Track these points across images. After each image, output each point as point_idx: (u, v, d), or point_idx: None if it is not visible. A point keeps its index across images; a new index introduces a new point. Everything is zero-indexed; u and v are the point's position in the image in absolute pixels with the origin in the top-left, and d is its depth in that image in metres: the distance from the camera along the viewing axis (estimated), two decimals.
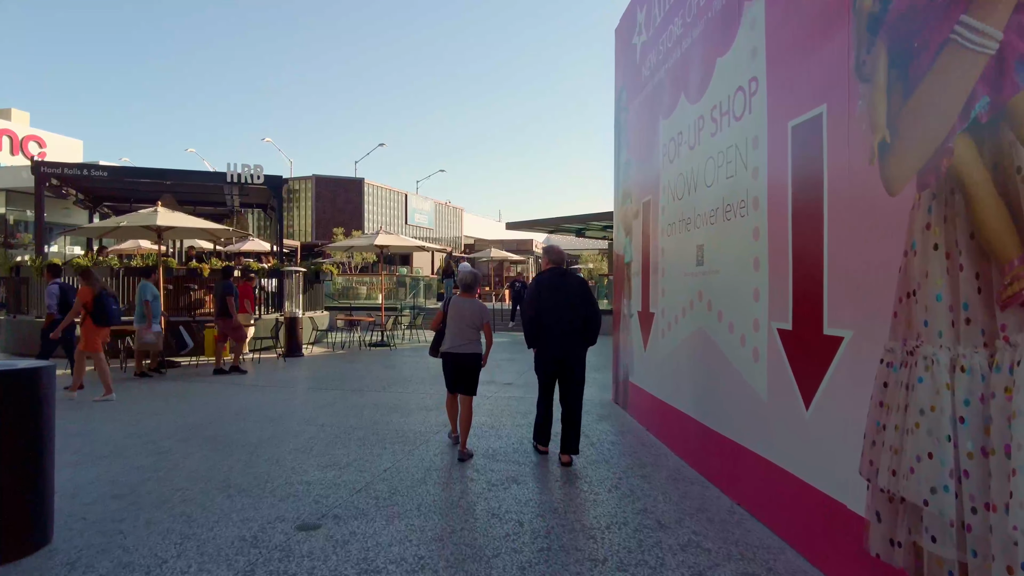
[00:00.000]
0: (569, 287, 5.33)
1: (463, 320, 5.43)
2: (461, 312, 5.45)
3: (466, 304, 5.51)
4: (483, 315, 5.54)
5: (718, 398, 4.76)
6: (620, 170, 8.03)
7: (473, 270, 6.05)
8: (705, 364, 5.01)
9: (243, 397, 8.36)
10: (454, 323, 5.46)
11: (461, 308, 5.47)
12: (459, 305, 5.50)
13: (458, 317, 5.45)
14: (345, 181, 34.56)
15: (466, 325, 5.43)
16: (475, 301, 5.57)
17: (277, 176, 14.90)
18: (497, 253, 33.34)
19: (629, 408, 7.36)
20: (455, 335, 5.45)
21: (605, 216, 21.99)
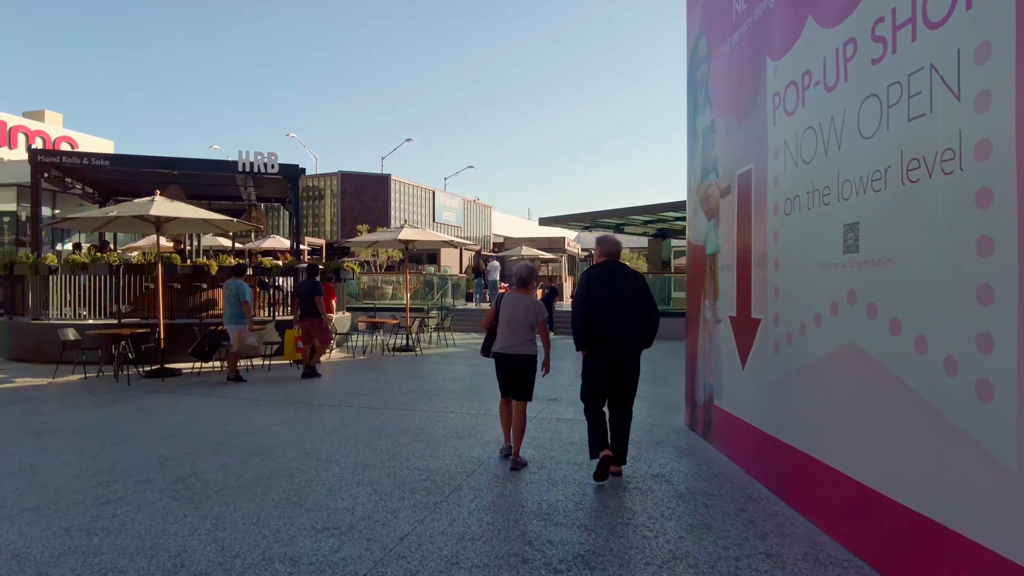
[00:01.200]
0: (626, 283, 4.74)
1: (516, 318, 5.00)
2: (514, 309, 5.02)
3: (520, 300, 5.07)
4: (538, 312, 5.07)
5: (904, 455, 3.17)
6: (697, 139, 6.47)
7: (529, 263, 5.45)
8: (867, 398, 3.43)
9: (237, 416, 7.00)
10: (506, 321, 5.04)
11: (514, 305, 5.04)
12: (512, 301, 5.07)
13: (511, 314, 5.02)
14: (371, 177, 33.44)
15: (520, 323, 5.00)
16: (530, 297, 5.14)
17: (293, 165, 13.62)
18: (528, 251, 31.80)
19: (715, 439, 5.79)
20: (508, 334, 5.03)
21: (647, 210, 20.38)
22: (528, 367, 5.05)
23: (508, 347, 5.03)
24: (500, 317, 5.10)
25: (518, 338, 5.01)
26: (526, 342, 5.03)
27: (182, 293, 12.18)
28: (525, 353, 5.03)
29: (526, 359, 5.03)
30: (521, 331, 5.01)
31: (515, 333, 5.01)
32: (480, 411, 7.34)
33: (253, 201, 16.52)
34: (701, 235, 6.24)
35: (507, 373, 5.08)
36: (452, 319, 16.19)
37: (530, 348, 5.05)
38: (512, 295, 5.16)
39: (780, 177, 4.45)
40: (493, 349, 5.18)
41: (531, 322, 5.03)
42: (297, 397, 8.22)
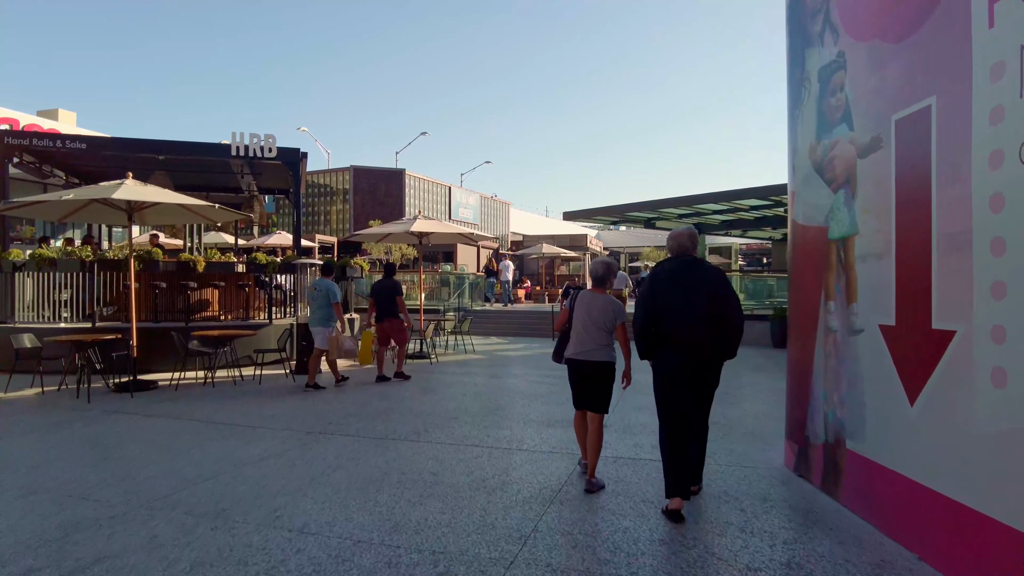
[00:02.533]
0: (700, 281, 4.08)
1: (592, 320, 4.53)
2: (589, 310, 4.55)
3: (596, 300, 4.58)
4: (616, 314, 4.55)
5: None
6: (807, 86, 4.81)
7: (606, 259, 4.85)
8: None
9: (204, 450, 5.47)
10: (580, 323, 4.57)
11: (589, 305, 4.57)
12: (587, 301, 4.59)
13: (585, 316, 4.55)
14: (385, 172, 31.97)
15: (595, 326, 4.53)
16: (607, 297, 4.63)
17: (293, 149, 12.11)
18: (549, 249, 30.21)
19: (847, 496, 4.14)
20: (582, 338, 4.56)
21: (682, 202, 18.60)
22: (605, 375, 4.51)
23: (582, 352, 4.52)
24: (574, 318, 4.60)
25: (593, 342, 4.49)
26: (603, 347, 4.50)
27: (168, 293, 10.75)
28: (602, 360, 4.48)
29: (603, 366, 4.49)
30: (597, 334, 4.50)
31: (590, 337, 4.50)
32: (512, 443, 5.75)
33: (254, 192, 15.07)
34: (819, 212, 4.58)
35: (581, 381, 4.60)
36: (470, 321, 14.63)
37: (607, 354, 4.50)
38: (587, 293, 4.64)
39: (1005, 109, 2.80)
40: (566, 354, 4.69)
41: (608, 325, 4.51)
42: (287, 420, 6.68)
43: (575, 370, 4.62)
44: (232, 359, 9.41)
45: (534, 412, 7.11)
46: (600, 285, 4.69)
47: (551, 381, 9.27)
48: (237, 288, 11.49)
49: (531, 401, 7.75)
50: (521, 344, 15.16)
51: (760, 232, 25.51)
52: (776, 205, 17.85)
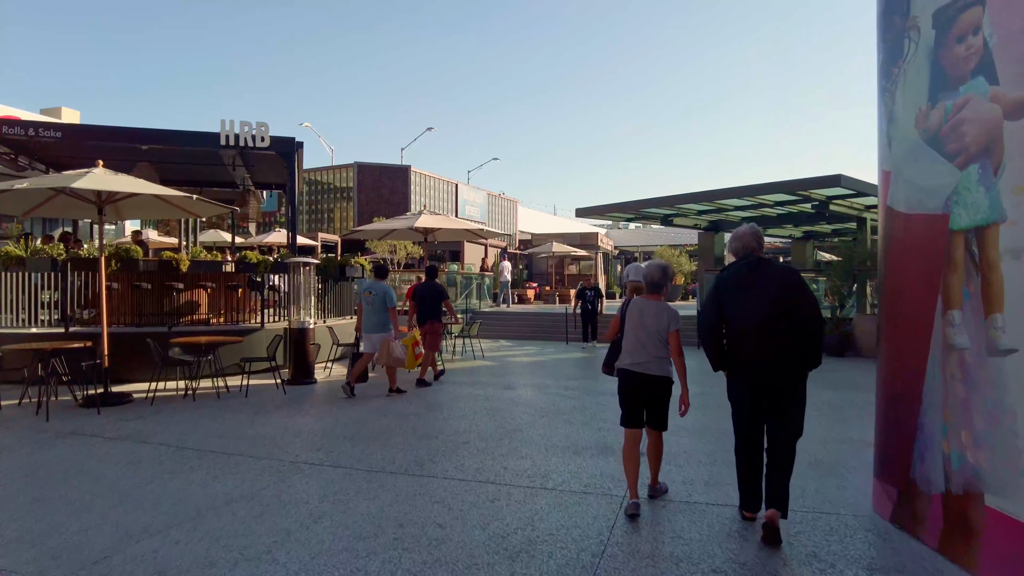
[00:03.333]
0: (766, 284, 3.67)
1: (645, 328, 4.12)
2: (643, 318, 4.15)
3: (650, 307, 4.18)
4: (671, 321, 4.14)
5: None
6: (918, 31, 3.79)
7: (661, 261, 4.50)
8: None
9: (149, 491, 4.50)
10: (633, 332, 4.16)
11: (643, 313, 4.17)
12: (641, 309, 4.19)
13: (639, 324, 4.15)
14: (390, 169, 31.04)
15: (649, 336, 4.11)
16: (662, 304, 4.22)
17: (288, 138, 11.18)
18: (559, 247, 29.21)
19: (988, 568, 3.13)
20: (636, 348, 4.14)
21: (703, 197, 17.51)
22: (662, 391, 4.18)
23: (636, 364, 4.16)
24: (626, 327, 4.29)
25: (648, 354, 4.14)
26: (659, 359, 4.15)
27: (152, 295, 9.83)
28: (658, 374, 4.13)
29: (660, 381, 4.14)
30: (652, 345, 4.15)
31: (645, 348, 4.15)
32: (535, 478, 4.76)
33: (249, 187, 14.14)
34: (932, 196, 3.57)
35: (635, 396, 4.20)
36: (479, 324, 13.66)
37: (664, 367, 4.17)
38: (640, 300, 4.29)
39: None
40: (618, 365, 4.30)
41: (664, 335, 4.14)
42: (270, 444, 5.72)
43: (629, 384, 4.18)
44: (217, 368, 8.47)
45: (556, 435, 6.13)
46: (656, 291, 4.29)
47: (572, 394, 8.28)
48: (228, 289, 10.57)
49: (552, 420, 6.77)
50: (533, 348, 14.18)
51: (781, 230, 24.40)
52: (803, 201, 16.80)
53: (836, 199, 16.26)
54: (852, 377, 9.82)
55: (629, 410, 4.21)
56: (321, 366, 10.56)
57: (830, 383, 8.99)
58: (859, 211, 17.43)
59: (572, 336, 15.75)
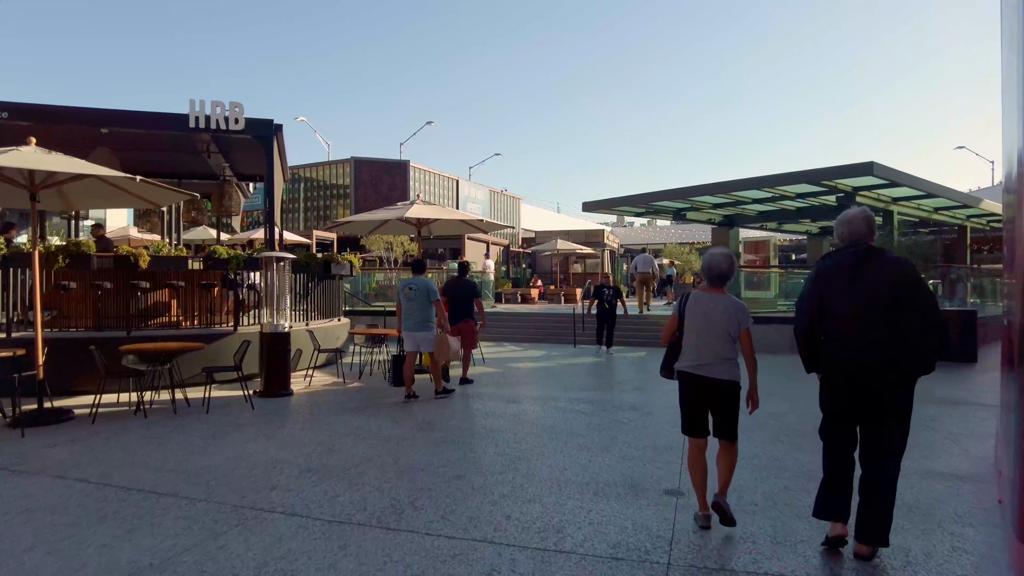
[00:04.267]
0: (878, 274, 3.21)
1: (710, 326, 3.71)
2: (707, 314, 3.73)
3: (715, 303, 3.74)
4: (740, 319, 3.69)
5: None
6: None
7: (726, 251, 3.85)
8: None
9: (45, 555, 3.37)
10: (695, 331, 3.75)
11: (707, 309, 3.74)
12: (704, 304, 3.76)
13: (702, 322, 3.73)
14: (388, 164, 29.90)
15: (715, 335, 3.69)
16: (729, 298, 3.77)
17: (264, 120, 10.03)
18: (564, 245, 28.04)
19: None
20: (699, 349, 3.73)
21: (718, 188, 16.31)
22: (730, 396, 3.69)
23: (701, 366, 3.70)
24: (686, 325, 3.78)
25: (713, 354, 3.67)
26: (727, 361, 3.67)
27: (114, 296, 8.70)
28: (725, 377, 3.67)
29: (727, 386, 3.66)
30: (718, 345, 3.67)
31: (710, 349, 3.68)
32: (547, 532, 3.61)
33: (228, 177, 12.99)
34: None
35: (698, 402, 3.74)
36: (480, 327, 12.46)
37: (732, 371, 3.69)
38: (702, 295, 3.79)
39: None
40: (678, 367, 3.82)
41: (732, 333, 3.67)
42: (216, 479, 4.59)
43: (692, 388, 3.79)
44: (176, 379, 7.35)
45: (572, 465, 4.98)
46: (720, 283, 3.81)
47: (586, 409, 7.13)
48: (200, 289, 9.45)
49: (564, 445, 5.61)
50: (539, 352, 13.02)
51: (797, 226, 23.21)
52: (827, 192, 15.61)
53: (864, 190, 15.08)
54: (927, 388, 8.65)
55: (692, 417, 3.79)
56: (301, 375, 9.44)
57: None
58: (886, 204, 16.24)
59: (581, 339, 14.60)
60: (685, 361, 3.80)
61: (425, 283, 7.75)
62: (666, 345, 4.03)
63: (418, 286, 7.71)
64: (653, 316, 16.19)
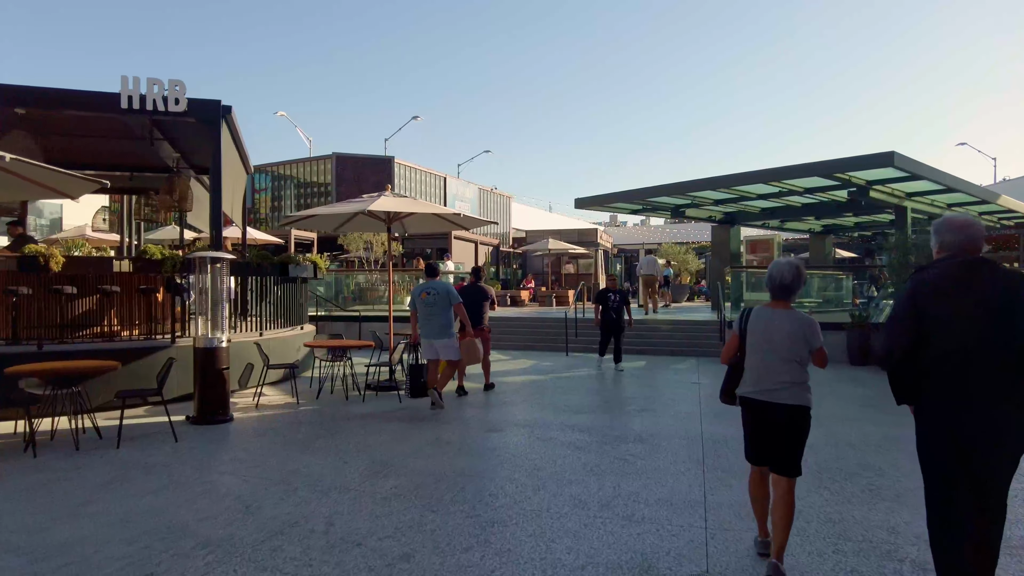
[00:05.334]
0: (994, 290, 2.66)
1: (774, 347, 3.31)
2: (770, 332, 3.34)
3: (781, 319, 3.34)
4: (809, 337, 3.28)
5: None
6: None
7: (793, 260, 3.47)
8: None
9: None
10: (758, 350, 3.36)
11: (771, 327, 3.35)
12: (768, 321, 3.37)
13: (765, 340, 3.34)
14: (371, 160, 28.55)
15: (781, 357, 3.28)
16: (797, 314, 3.36)
17: (210, 101, 8.74)
18: (556, 244, 26.85)
19: None
20: (761, 372, 3.33)
21: (719, 183, 15.07)
22: (797, 424, 3.26)
23: (765, 390, 3.30)
24: (748, 344, 3.40)
25: (780, 379, 3.26)
26: (795, 385, 3.25)
27: (30, 303, 7.39)
28: (792, 403, 3.24)
29: (795, 412, 3.25)
30: (785, 368, 3.26)
31: (774, 371, 3.28)
32: None
33: (181, 169, 11.65)
34: None
35: (764, 431, 3.34)
36: None
37: (801, 395, 3.26)
38: (766, 310, 3.41)
39: None
40: (740, 392, 3.43)
41: (801, 353, 3.28)
42: (61, 564, 3.31)
43: (756, 414, 3.35)
44: (85, 405, 6.07)
45: (562, 534, 3.72)
46: (785, 296, 3.38)
47: (581, 440, 5.89)
48: (140, 294, 8.16)
49: (553, 497, 4.37)
50: (528, 362, 11.78)
51: (800, 224, 22.05)
52: (838, 187, 14.43)
53: (878, 184, 13.92)
54: None
55: (755, 446, 3.42)
56: (249, 394, 8.16)
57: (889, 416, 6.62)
58: (900, 199, 15.09)
59: (574, 346, 13.36)
60: (747, 385, 3.43)
61: (446, 287, 7.43)
62: (726, 365, 3.65)
63: (438, 290, 7.34)
64: (654, 320, 14.95)
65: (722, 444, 5.74)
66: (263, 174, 30.48)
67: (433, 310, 7.35)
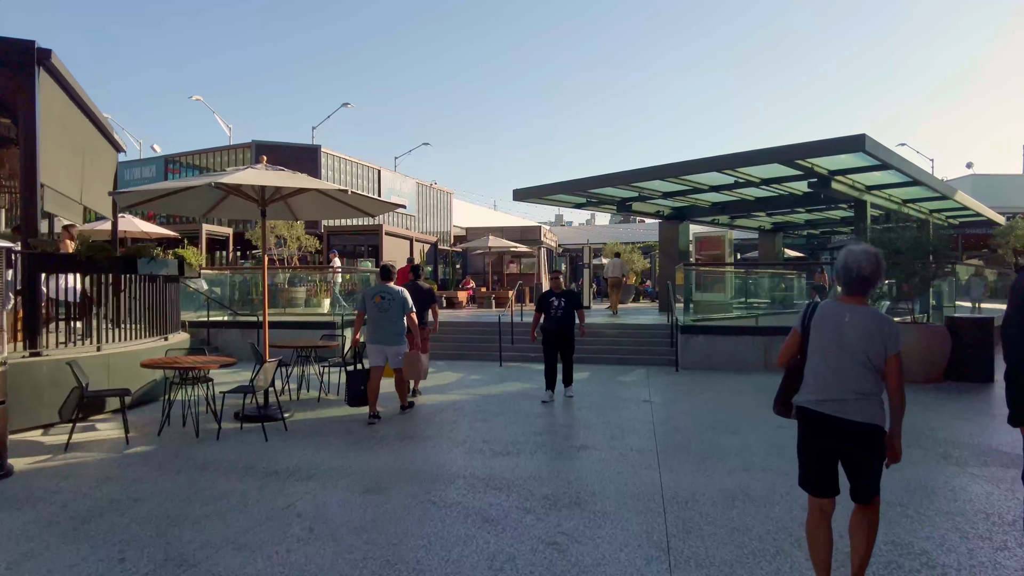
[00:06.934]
0: None
1: (845, 349, 2.74)
2: (840, 332, 2.76)
3: (853, 317, 2.75)
4: (887, 340, 2.69)
5: None
6: None
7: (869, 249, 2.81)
8: None
9: None
10: (822, 354, 2.82)
11: (840, 324, 2.77)
12: (836, 318, 2.80)
13: (834, 342, 2.77)
14: (295, 149, 26.13)
15: (853, 361, 2.71)
16: (870, 311, 2.77)
17: (20, 42, 6.65)
18: (496, 242, 25.10)
19: None
20: (828, 378, 2.78)
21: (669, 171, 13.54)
22: (869, 445, 2.71)
23: (828, 402, 2.75)
24: (811, 345, 2.87)
25: (846, 386, 2.71)
26: (865, 397, 2.69)
27: None
28: (863, 420, 2.69)
29: (865, 431, 2.69)
30: (852, 374, 2.70)
31: (841, 378, 2.73)
32: None
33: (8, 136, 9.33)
34: None
35: (826, 451, 2.80)
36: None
37: (871, 409, 2.70)
38: (835, 306, 2.84)
39: None
40: (799, 401, 2.89)
41: (877, 360, 2.68)
42: None
43: (817, 432, 2.79)
44: None
45: None
46: (861, 291, 2.78)
47: (493, 510, 4.13)
48: None
49: None
50: (455, 375, 9.99)
51: (750, 221, 21.02)
52: (798, 177, 13.17)
53: (839, 174, 12.73)
54: (927, 418, 6.06)
55: (815, 471, 2.81)
56: (70, 427, 6.08)
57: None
58: (860, 192, 14.00)
59: (509, 353, 11.65)
60: (807, 394, 2.85)
61: (401, 292, 7.13)
62: (783, 368, 3.04)
63: (393, 295, 7.04)
64: (597, 325, 13.35)
65: (691, 506, 4.10)
66: (179, 165, 27.68)
67: (387, 316, 7.00)
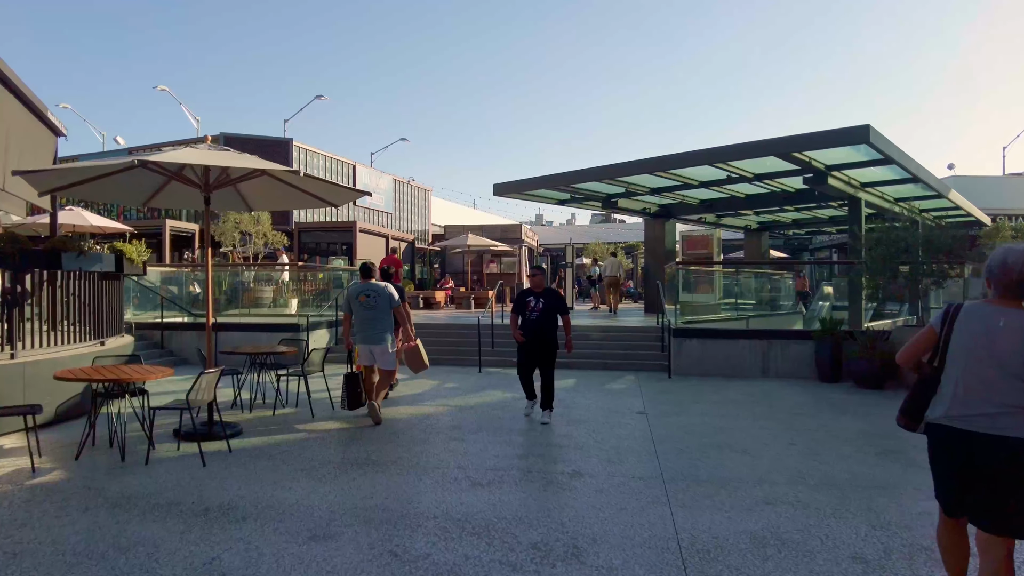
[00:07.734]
0: None
1: (997, 358, 2.37)
2: (991, 338, 2.38)
3: (1010, 322, 2.36)
4: None
5: None
6: None
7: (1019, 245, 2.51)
8: None
9: None
10: (966, 362, 2.43)
11: (992, 329, 2.39)
12: (988, 322, 2.41)
13: (984, 349, 2.39)
14: (265, 142, 24.98)
15: (1002, 371, 2.35)
16: None
17: None
18: (476, 240, 24.24)
19: None
20: (975, 390, 2.41)
21: (657, 165, 12.86)
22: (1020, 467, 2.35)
23: (971, 418, 2.40)
24: (951, 351, 2.46)
25: (1000, 398, 2.34)
26: (1016, 410, 2.33)
27: None
28: (1017, 435, 2.33)
29: (1018, 448, 2.32)
30: (1003, 385, 2.34)
31: (990, 390, 2.37)
32: None
33: None
34: None
35: (964, 473, 2.45)
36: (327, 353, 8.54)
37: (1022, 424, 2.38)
38: (985, 308, 2.43)
39: None
40: (932, 417, 2.53)
41: None
42: None
43: (957, 451, 2.43)
44: None
45: None
46: (1017, 292, 2.37)
47: (488, 554, 3.29)
48: None
49: None
50: (430, 383, 9.13)
51: (736, 220, 20.45)
52: (794, 173, 12.52)
53: (836, 169, 12.12)
54: None
55: (953, 492, 2.48)
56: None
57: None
58: (855, 189, 13.41)
59: (489, 358, 10.84)
60: (944, 407, 2.47)
61: (387, 288, 7.00)
62: (907, 369, 2.61)
63: (378, 292, 6.90)
64: (583, 327, 12.57)
65: (715, 558, 3.32)
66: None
67: (373, 313, 6.86)
